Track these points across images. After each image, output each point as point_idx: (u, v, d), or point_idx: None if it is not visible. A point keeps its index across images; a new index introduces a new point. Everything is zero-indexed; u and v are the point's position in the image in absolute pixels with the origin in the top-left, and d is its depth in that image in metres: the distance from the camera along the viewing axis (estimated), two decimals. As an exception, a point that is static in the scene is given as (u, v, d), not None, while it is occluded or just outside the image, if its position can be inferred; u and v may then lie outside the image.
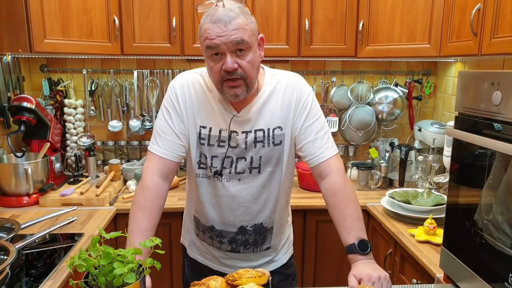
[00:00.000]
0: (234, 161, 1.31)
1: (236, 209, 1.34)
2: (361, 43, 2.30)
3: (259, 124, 1.31)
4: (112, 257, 0.94)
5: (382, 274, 1.14)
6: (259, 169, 1.32)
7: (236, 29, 1.14)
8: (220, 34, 1.13)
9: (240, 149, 1.30)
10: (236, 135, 1.30)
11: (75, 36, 2.06)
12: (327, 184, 1.30)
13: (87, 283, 0.93)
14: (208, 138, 1.31)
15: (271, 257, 1.46)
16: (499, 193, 1.06)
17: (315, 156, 1.31)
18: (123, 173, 2.43)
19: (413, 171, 2.41)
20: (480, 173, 1.13)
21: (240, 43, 1.15)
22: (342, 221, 1.25)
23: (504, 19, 1.55)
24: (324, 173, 1.31)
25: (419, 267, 1.59)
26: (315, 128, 1.32)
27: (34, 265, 1.48)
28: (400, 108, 2.64)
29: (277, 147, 1.32)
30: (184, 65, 2.60)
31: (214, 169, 1.32)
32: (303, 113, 1.33)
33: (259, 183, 1.33)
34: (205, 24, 1.16)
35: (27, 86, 2.48)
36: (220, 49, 1.15)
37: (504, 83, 1.03)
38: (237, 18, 1.15)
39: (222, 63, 1.17)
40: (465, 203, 1.23)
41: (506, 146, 0.97)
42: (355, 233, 1.22)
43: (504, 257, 1.02)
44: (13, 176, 2.04)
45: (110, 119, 2.61)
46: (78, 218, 1.88)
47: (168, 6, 2.22)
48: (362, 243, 1.20)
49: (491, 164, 1.09)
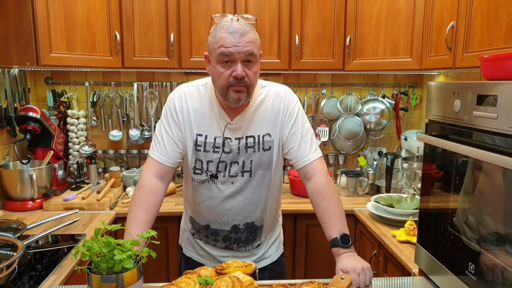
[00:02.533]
0: (228, 165, 1.43)
1: (230, 209, 1.46)
2: (348, 57, 2.44)
3: (250, 131, 1.44)
4: (112, 246, 1.05)
5: (365, 265, 1.27)
6: (251, 172, 1.44)
7: (249, 42, 1.29)
8: (235, 44, 1.27)
9: (233, 154, 1.43)
10: (230, 141, 1.43)
11: (79, 50, 2.20)
12: (312, 184, 1.42)
13: (90, 269, 1.04)
14: (204, 145, 1.43)
15: (262, 253, 1.57)
16: (465, 193, 1.18)
17: (301, 159, 1.44)
18: (122, 180, 2.55)
19: (400, 178, 2.53)
20: (449, 175, 1.25)
21: (251, 54, 1.30)
22: (326, 217, 1.37)
23: (474, 35, 1.69)
24: (309, 174, 1.43)
25: (399, 265, 1.70)
26: (300, 134, 1.45)
27: (39, 262, 1.58)
28: (387, 118, 2.78)
29: (266, 152, 1.45)
30: (181, 77, 2.74)
31: (210, 172, 1.44)
32: (290, 121, 1.46)
33: (251, 185, 1.46)
34: (222, 34, 1.29)
35: (32, 97, 2.61)
36: (232, 57, 1.29)
37: (462, 92, 1.16)
38: (250, 33, 1.31)
39: (232, 70, 1.30)
40: (435, 203, 1.34)
41: (467, 149, 1.09)
42: (338, 228, 1.34)
43: (466, 250, 1.13)
44: (18, 181, 2.15)
45: (110, 128, 2.74)
46: (80, 221, 1.99)
47: (166, 22, 2.36)
48: (344, 237, 1.32)
49: (458, 166, 1.21)
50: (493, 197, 1.04)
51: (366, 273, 1.25)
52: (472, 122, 1.11)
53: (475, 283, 1.08)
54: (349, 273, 1.23)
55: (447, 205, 1.26)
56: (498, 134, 1.00)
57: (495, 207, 1.03)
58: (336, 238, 1.33)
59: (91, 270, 1.04)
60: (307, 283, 1.12)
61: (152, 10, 2.34)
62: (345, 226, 1.37)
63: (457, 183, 1.21)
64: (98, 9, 2.25)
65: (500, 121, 0.99)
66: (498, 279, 1.00)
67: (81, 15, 2.17)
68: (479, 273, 1.07)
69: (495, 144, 1.01)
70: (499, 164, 0.96)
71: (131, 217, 1.35)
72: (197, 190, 1.49)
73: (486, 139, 1.05)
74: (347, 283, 1.17)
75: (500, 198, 1.01)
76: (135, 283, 1.05)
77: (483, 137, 1.06)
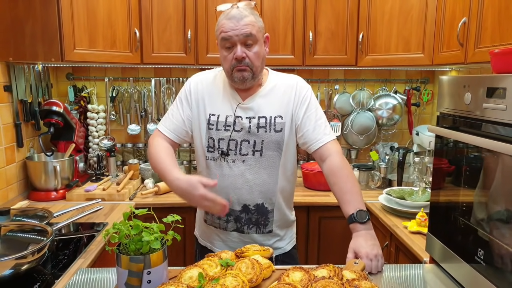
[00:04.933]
0: (238, 143, 1.51)
1: (240, 188, 1.53)
2: (361, 53, 2.48)
3: (262, 112, 1.52)
4: (140, 229, 1.13)
5: (380, 252, 1.32)
6: (261, 152, 1.51)
7: (246, 25, 1.40)
8: (233, 28, 1.39)
9: (244, 132, 1.51)
10: (241, 119, 1.51)
11: (100, 47, 2.28)
12: (327, 165, 1.49)
13: (119, 250, 1.12)
14: (216, 124, 1.53)
15: (274, 241, 1.62)
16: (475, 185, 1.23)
17: (316, 141, 1.51)
18: (141, 172, 2.64)
19: (411, 172, 2.57)
20: (459, 168, 1.29)
21: (249, 36, 1.40)
22: (342, 195, 1.43)
23: (486, 31, 1.73)
24: (324, 156, 1.49)
25: (410, 255, 1.75)
26: (314, 117, 1.52)
27: (66, 248, 1.67)
28: (399, 113, 2.81)
29: (277, 134, 1.51)
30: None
31: (221, 150, 1.52)
32: (303, 106, 1.53)
33: (261, 165, 1.52)
34: (222, 21, 1.43)
35: (54, 93, 2.71)
36: (232, 40, 1.40)
37: (472, 85, 1.20)
38: (248, 17, 1.41)
39: (233, 53, 1.42)
40: (446, 193, 1.39)
41: (477, 139, 1.13)
42: (354, 204, 1.39)
43: (475, 237, 1.18)
44: (43, 173, 2.25)
45: (129, 123, 2.83)
46: (102, 210, 2.07)
47: (184, 19, 2.44)
48: (360, 213, 1.37)
49: (468, 159, 1.25)
50: (502, 185, 1.08)
51: (379, 259, 1.30)
52: (482, 114, 1.15)
53: (484, 269, 1.13)
54: (362, 258, 1.29)
55: (457, 197, 1.30)
56: (507, 124, 1.05)
57: (505, 195, 1.07)
58: (353, 214, 1.37)
59: (120, 251, 1.12)
60: (323, 266, 1.18)
61: (170, 8, 2.42)
62: (362, 203, 1.42)
63: (467, 174, 1.26)
64: (118, 7, 2.33)
65: (509, 112, 1.04)
66: (507, 265, 1.05)
67: (102, 13, 2.26)
68: (488, 259, 1.12)
69: (505, 135, 1.06)
70: (508, 153, 1.00)
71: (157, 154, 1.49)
72: (210, 169, 1.57)
73: (495, 130, 1.10)
74: (360, 267, 1.23)
75: (509, 185, 1.05)
76: (160, 264, 1.13)
77: (493, 128, 1.11)
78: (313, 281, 1.08)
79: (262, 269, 1.14)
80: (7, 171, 2.13)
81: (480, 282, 1.13)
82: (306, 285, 1.07)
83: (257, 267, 1.13)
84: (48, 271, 1.46)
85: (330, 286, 1.04)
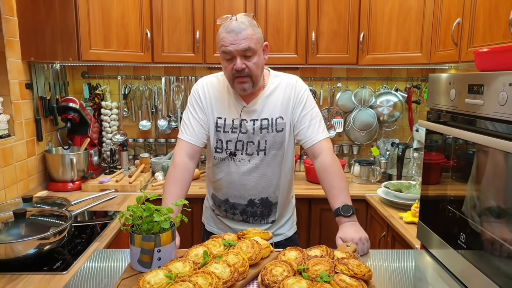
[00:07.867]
0: (244, 144, 1.63)
1: (246, 184, 1.65)
2: (361, 52, 2.58)
3: (264, 114, 1.63)
4: (152, 211, 1.25)
5: (363, 236, 1.43)
6: (265, 151, 1.63)
7: (245, 39, 1.47)
8: (232, 42, 1.47)
9: (249, 134, 1.62)
10: (245, 122, 1.62)
11: (114, 47, 2.42)
12: (319, 161, 1.60)
13: (133, 230, 1.25)
14: (223, 126, 1.64)
15: (276, 228, 1.75)
16: (460, 175, 1.33)
17: (310, 139, 1.62)
18: (151, 165, 2.77)
19: (410, 167, 2.66)
20: (447, 158, 1.40)
21: (248, 49, 1.48)
22: (330, 190, 1.55)
23: (478, 31, 1.82)
24: (316, 153, 1.61)
25: (405, 243, 1.85)
26: (309, 117, 1.63)
27: (83, 233, 1.80)
28: (400, 111, 2.91)
29: (279, 133, 1.63)
30: (206, 72, 2.93)
31: (229, 151, 1.64)
32: (300, 105, 1.64)
33: (265, 163, 1.64)
34: (222, 34, 1.50)
35: (70, 90, 2.86)
36: (232, 54, 1.49)
37: (456, 83, 1.30)
38: (246, 30, 1.47)
39: (233, 64, 1.50)
40: (435, 183, 1.49)
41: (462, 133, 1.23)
42: (340, 199, 1.51)
43: (458, 223, 1.28)
44: (60, 165, 2.40)
45: (140, 119, 2.97)
46: (115, 200, 2.21)
47: (193, 20, 2.56)
48: (345, 207, 1.49)
49: (456, 150, 1.35)
50: (479, 175, 1.19)
51: (364, 243, 1.42)
52: (464, 109, 1.26)
53: (465, 252, 1.23)
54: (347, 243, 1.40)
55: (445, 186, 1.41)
56: (484, 118, 1.15)
57: (480, 182, 1.18)
58: (339, 208, 1.50)
59: (133, 231, 1.25)
60: (316, 246, 1.30)
61: (179, 10, 2.55)
62: (348, 198, 1.54)
63: (454, 165, 1.36)
64: (131, 9, 2.46)
65: (486, 106, 1.14)
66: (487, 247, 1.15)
67: (116, 15, 2.39)
68: (469, 243, 1.22)
69: (483, 127, 1.16)
70: (485, 143, 1.10)
71: (167, 191, 1.56)
72: (218, 167, 1.68)
73: (475, 123, 1.20)
74: (352, 249, 1.34)
75: (485, 174, 1.16)
76: (170, 243, 1.26)
77: (473, 121, 1.21)
78: (306, 259, 1.20)
79: (261, 248, 1.26)
80: (28, 163, 2.28)
81: (461, 263, 1.24)
82: (300, 262, 1.19)
83: (256, 247, 1.25)
84: (67, 252, 1.60)
85: (322, 263, 1.15)
